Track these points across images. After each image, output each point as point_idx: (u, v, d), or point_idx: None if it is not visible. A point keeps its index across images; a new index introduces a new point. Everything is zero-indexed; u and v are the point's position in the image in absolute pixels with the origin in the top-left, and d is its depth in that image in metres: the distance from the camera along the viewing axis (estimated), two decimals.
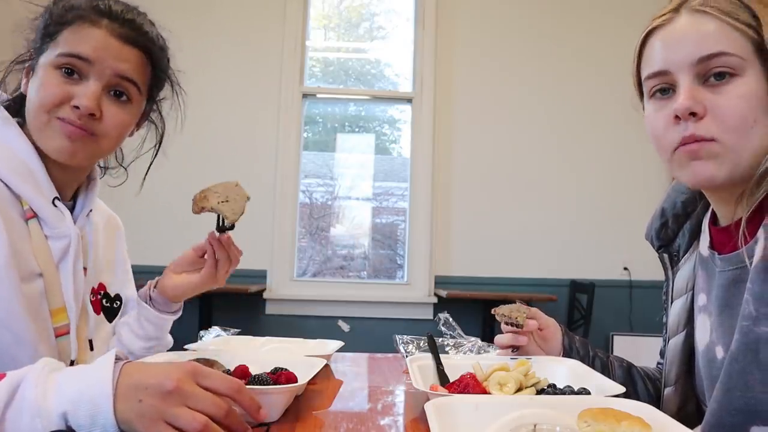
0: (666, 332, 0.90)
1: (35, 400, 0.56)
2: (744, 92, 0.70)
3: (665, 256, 0.91)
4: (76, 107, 0.82)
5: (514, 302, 1.02)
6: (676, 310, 0.87)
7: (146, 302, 1.01)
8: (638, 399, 0.94)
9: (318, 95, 3.82)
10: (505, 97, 3.62)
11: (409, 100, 3.71)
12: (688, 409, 0.86)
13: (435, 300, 3.44)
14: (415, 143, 3.63)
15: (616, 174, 3.55)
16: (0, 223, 0.78)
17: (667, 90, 0.76)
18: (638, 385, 0.96)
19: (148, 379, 0.58)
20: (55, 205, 0.86)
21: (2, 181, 0.82)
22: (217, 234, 0.97)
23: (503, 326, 0.99)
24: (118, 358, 0.61)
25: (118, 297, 1.03)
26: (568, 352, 0.98)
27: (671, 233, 0.90)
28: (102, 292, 0.99)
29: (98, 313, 0.96)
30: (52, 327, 0.84)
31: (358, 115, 4.05)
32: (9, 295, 0.77)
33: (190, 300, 1.03)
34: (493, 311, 1.00)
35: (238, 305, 3.38)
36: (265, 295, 3.40)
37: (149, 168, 1.06)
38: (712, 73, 0.71)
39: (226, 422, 0.58)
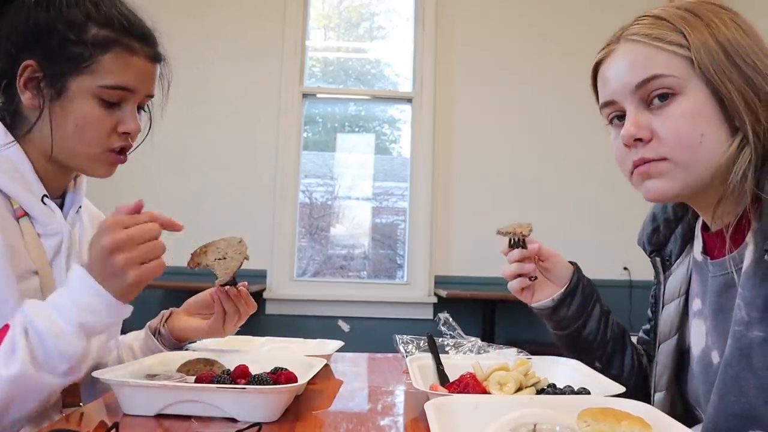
0: (656, 336, 0.90)
1: (50, 328, 0.70)
2: (686, 110, 0.72)
3: (657, 260, 0.92)
4: (126, 133, 0.86)
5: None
6: (668, 314, 0.87)
7: (155, 335, 1.02)
8: (623, 363, 0.95)
9: (318, 95, 3.82)
10: (505, 97, 3.62)
11: (409, 100, 3.71)
12: (676, 414, 0.86)
13: (435, 300, 3.44)
14: (415, 143, 3.63)
15: (616, 174, 3.49)
16: None
17: (622, 116, 0.79)
18: (627, 350, 0.97)
19: (95, 254, 0.73)
20: (45, 203, 0.86)
21: None
22: (225, 286, 0.95)
23: (509, 257, 0.97)
24: None
25: None
26: (575, 286, 0.97)
27: (663, 238, 0.91)
28: None
29: None
30: None
31: (358, 115, 4.05)
32: (6, 293, 0.78)
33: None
34: (497, 232, 0.97)
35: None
36: (265, 295, 3.40)
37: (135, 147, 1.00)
38: (654, 96, 0.74)
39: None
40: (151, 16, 0.94)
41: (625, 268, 3.49)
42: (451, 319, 1.25)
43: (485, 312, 3.27)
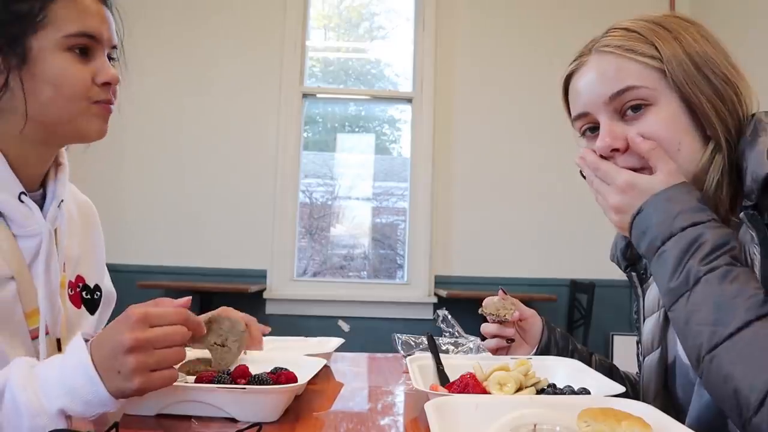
0: (641, 351, 0.90)
1: (30, 402, 0.61)
2: (662, 119, 0.73)
3: (633, 275, 0.91)
4: (107, 83, 0.81)
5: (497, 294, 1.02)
6: (649, 328, 0.87)
7: None
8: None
9: (318, 95, 3.82)
10: (505, 97, 3.62)
11: (409, 100, 3.71)
12: None
13: (435, 300, 3.44)
14: (415, 143, 3.63)
15: None
16: None
17: (594, 128, 0.80)
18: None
19: (111, 344, 0.64)
20: (22, 200, 0.80)
21: None
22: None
23: (489, 319, 1.00)
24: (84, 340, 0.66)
25: (97, 288, 0.98)
26: (546, 344, 0.98)
27: (636, 252, 0.90)
28: (81, 284, 0.94)
29: (79, 307, 0.92)
30: (28, 329, 0.80)
31: (358, 115, 4.05)
32: None
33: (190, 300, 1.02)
34: (480, 311, 1.00)
35: (238, 305, 3.37)
36: (265, 294, 3.40)
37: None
38: (627, 107, 0.75)
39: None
40: (151, 16, 0.93)
41: None
42: (449, 317, 1.25)
43: None
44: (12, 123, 0.79)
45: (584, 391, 0.76)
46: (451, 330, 1.25)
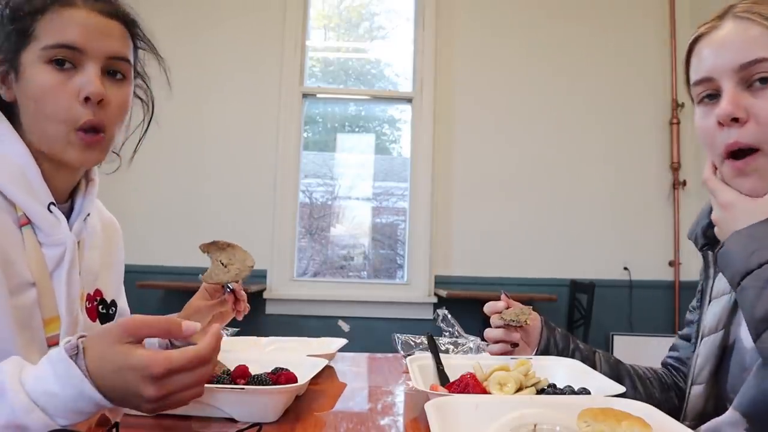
0: (697, 330, 0.89)
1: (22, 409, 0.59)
2: None
3: (709, 254, 0.89)
4: (86, 99, 0.78)
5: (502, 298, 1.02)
6: (715, 310, 0.86)
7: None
8: (624, 396, 0.94)
9: (318, 95, 3.81)
10: (505, 97, 3.62)
11: (409, 100, 3.71)
12: (708, 408, 0.86)
13: (435, 300, 3.44)
14: (415, 143, 3.63)
15: (617, 174, 3.55)
16: None
17: (713, 96, 0.77)
18: (625, 381, 0.96)
19: (129, 388, 0.59)
20: (51, 211, 0.82)
21: None
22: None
23: (494, 322, 1.00)
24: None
25: (113, 303, 1.00)
26: (545, 345, 0.98)
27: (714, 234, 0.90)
28: (98, 298, 0.95)
29: (94, 320, 0.93)
30: (45, 337, 0.80)
31: (358, 115, 4.05)
32: None
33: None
34: (500, 317, 0.99)
35: None
36: (265, 294, 3.40)
37: (139, 144, 1.00)
38: (756, 78, 0.72)
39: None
40: (151, 16, 0.93)
41: (625, 268, 3.49)
42: (449, 316, 1.25)
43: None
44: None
45: (584, 391, 0.76)
46: (450, 330, 1.25)
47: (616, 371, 0.97)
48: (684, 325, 1.00)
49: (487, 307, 1.02)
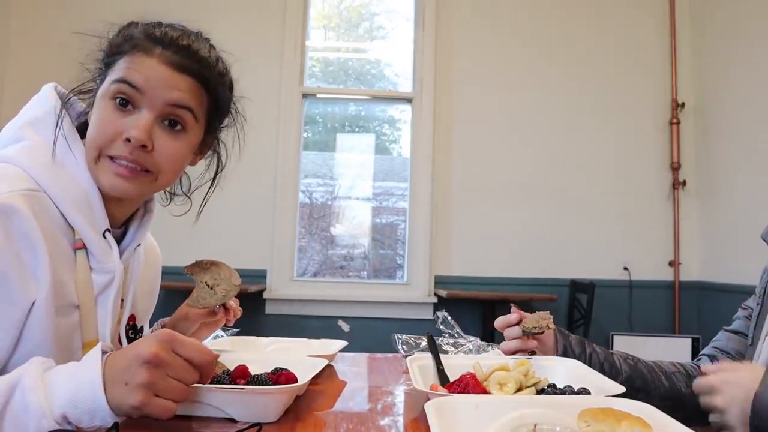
0: (753, 332, 0.89)
1: (38, 403, 0.62)
2: None
3: None
4: (128, 140, 0.80)
5: (509, 306, 1.01)
6: None
7: None
8: (649, 393, 0.94)
9: (318, 95, 3.81)
10: (505, 97, 3.62)
11: (409, 100, 3.71)
12: None
13: (435, 300, 3.44)
14: (415, 143, 3.63)
15: (616, 174, 3.55)
16: (46, 257, 0.75)
17: None
18: (647, 378, 0.95)
19: (128, 355, 0.64)
20: (105, 237, 0.85)
21: (59, 210, 0.80)
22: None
23: (510, 334, 0.98)
24: (104, 352, 0.67)
25: (141, 329, 1.03)
26: (563, 351, 0.98)
27: None
28: (130, 323, 0.98)
29: (121, 345, 0.94)
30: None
31: (358, 115, 4.05)
32: (42, 329, 0.75)
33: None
34: (521, 328, 0.98)
35: None
36: (265, 294, 3.40)
37: (206, 199, 1.06)
38: None
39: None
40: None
41: (625, 268, 3.49)
42: (449, 318, 1.25)
43: (485, 312, 3.27)
44: None
45: (584, 391, 0.76)
46: (450, 331, 1.25)
47: (636, 369, 0.97)
48: (731, 321, 1.01)
49: (499, 322, 1.00)
